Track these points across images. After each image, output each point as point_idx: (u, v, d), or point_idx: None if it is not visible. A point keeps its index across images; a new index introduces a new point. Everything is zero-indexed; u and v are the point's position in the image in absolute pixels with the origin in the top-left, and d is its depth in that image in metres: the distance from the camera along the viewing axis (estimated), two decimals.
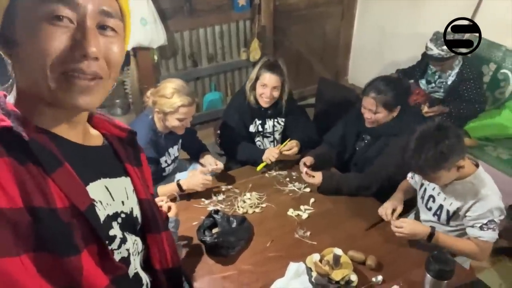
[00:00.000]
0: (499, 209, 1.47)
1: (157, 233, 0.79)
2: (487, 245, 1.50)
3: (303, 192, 1.96)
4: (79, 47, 0.57)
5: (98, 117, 0.76)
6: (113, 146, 0.76)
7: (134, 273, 0.74)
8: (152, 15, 2.78)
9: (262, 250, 1.62)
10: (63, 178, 0.59)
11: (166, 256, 0.81)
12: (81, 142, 0.68)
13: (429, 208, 1.67)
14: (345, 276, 1.41)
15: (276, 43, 3.63)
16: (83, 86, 0.59)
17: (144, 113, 1.98)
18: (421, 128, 1.48)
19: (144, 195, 0.78)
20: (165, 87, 1.82)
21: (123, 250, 0.69)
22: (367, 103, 1.92)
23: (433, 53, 2.38)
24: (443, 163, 1.42)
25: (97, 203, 0.65)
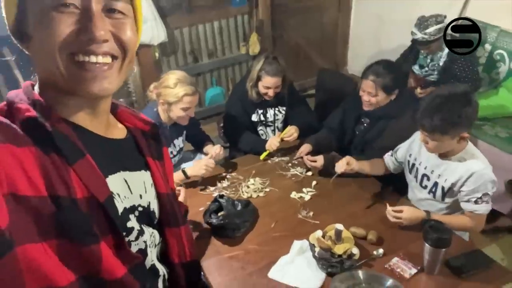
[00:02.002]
0: (492, 181, 1.51)
1: (177, 227, 0.80)
2: (481, 217, 1.54)
3: (305, 175, 2.01)
4: (86, 31, 0.57)
5: (123, 110, 0.77)
6: (136, 139, 0.76)
7: (151, 264, 0.75)
8: (152, 12, 2.84)
9: (267, 231, 1.68)
10: (84, 169, 0.60)
11: (184, 249, 0.82)
12: (103, 134, 0.69)
13: (424, 187, 1.71)
14: (347, 250, 1.47)
15: (274, 36, 3.68)
16: (97, 72, 0.60)
17: (149, 106, 2.04)
18: (446, 89, 1.49)
19: (164, 189, 0.78)
20: (168, 78, 1.88)
21: (140, 242, 0.71)
22: (366, 86, 1.97)
23: (417, 37, 2.45)
24: (454, 128, 1.44)
25: (115, 196, 0.66)
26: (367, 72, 1.95)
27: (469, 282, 1.38)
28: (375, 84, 1.91)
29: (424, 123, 1.49)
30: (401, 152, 1.84)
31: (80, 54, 0.58)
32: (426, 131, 1.51)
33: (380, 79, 1.91)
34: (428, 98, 1.52)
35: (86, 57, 0.58)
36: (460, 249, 1.50)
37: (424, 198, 1.74)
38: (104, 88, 0.61)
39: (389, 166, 1.88)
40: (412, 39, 2.56)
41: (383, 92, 1.93)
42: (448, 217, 1.60)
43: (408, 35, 2.61)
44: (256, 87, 2.24)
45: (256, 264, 1.51)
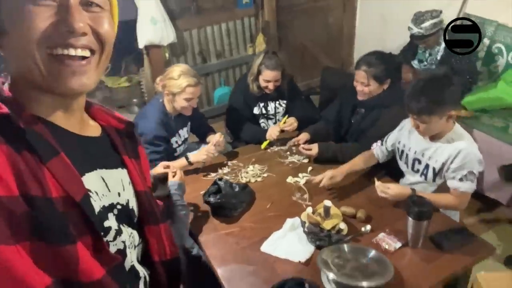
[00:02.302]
0: (478, 160, 1.57)
1: (155, 225, 0.79)
2: (465, 195, 1.61)
3: (302, 163, 2.11)
4: (65, 23, 0.57)
5: (97, 108, 0.76)
6: (111, 137, 0.75)
7: (131, 265, 0.74)
8: (161, 14, 3.01)
9: (262, 211, 1.78)
10: (59, 167, 0.59)
11: (164, 248, 0.81)
12: (77, 131, 0.67)
13: (416, 170, 1.78)
14: (335, 225, 1.55)
15: (280, 37, 3.81)
16: (75, 67, 0.59)
17: (156, 97, 2.18)
18: (430, 73, 1.59)
19: (142, 187, 0.77)
20: (173, 70, 2.02)
21: (118, 242, 0.69)
22: (359, 76, 2.06)
23: (413, 32, 2.54)
24: (440, 107, 1.53)
25: (93, 194, 0.64)
26: (360, 63, 2.04)
27: (450, 254, 1.45)
28: (367, 74, 2.00)
29: (412, 106, 1.58)
30: (390, 140, 1.92)
31: (59, 47, 0.57)
32: (415, 113, 1.60)
33: (372, 69, 2.00)
34: (413, 83, 1.61)
35: (65, 50, 0.58)
36: (447, 227, 1.57)
37: (416, 182, 1.80)
38: (83, 83, 0.61)
39: (378, 156, 1.95)
40: (410, 34, 2.64)
41: (375, 82, 2.02)
42: (433, 195, 1.66)
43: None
44: (257, 81, 2.36)
45: (250, 239, 1.61)
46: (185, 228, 1.64)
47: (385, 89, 2.08)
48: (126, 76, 4.02)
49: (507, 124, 2.42)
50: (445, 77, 1.56)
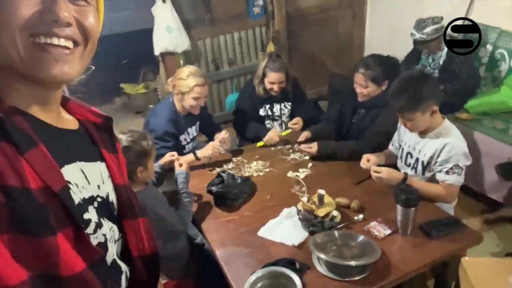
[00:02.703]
0: (464, 154, 1.65)
1: (134, 219, 0.79)
2: (452, 188, 1.68)
3: (303, 159, 2.21)
4: (49, 11, 0.56)
5: (73, 102, 0.75)
6: (89, 131, 0.74)
7: (112, 259, 0.73)
8: (176, 24, 3.20)
9: (262, 202, 1.88)
10: (37, 158, 0.58)
11: (143, 242, 0.80)
12: (55, 124, 0.67)
13: (408, 164, 1.86)
14: (328, 212, 1.64)
15: (290, 45, 3.94)
16: (57, 54, 0.58)
17: (167, 97, 2.33)
18: (405, 73, 1.71)
19: (120, 180, 0.77)
20: (182, 71, 2.18)
21: (99, 235, 0.68)
22: (357, 78, 2.17)
23: (416, 38, 2.64)
24: (420, 103, 1.62)
25: (73, 185, 0.64)
26: (358, 66, 2.15)
27: (438, 241, 1.51)
28: (365, 77, 2.11)
29: (394, 106, 1.70)
30: (395, 138, 2.01)
31: (42, 35, 0.57)
32: (398, 112, 1.71)
33: (369, 72, 2.10)
34: (392, 85, 1.72)
35: (48, 39, 0.57)
36: (437, 218, 1.63)
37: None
38: (65, 72, 0.60)
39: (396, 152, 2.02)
40: (413, 40, 2.73)
41: (372, 84, 2.12)
42: (423, 182, 1.74)
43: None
44: (263, 83, 2.49)
45: (249, 226, 1.71)
46: (189, 214, 1.76)
47: (383, 90, 2.17)
48: (143, 83, 4.23)
49: (508, 126, 2.45)
50: (421, 75, 1.68)
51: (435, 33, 2.59)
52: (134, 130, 1.67)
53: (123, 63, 4.07)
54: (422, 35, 2.61)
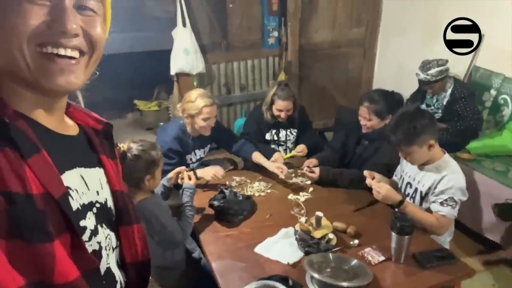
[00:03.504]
0: (460, 188, 1.70)
1: (128, 225, 0.79)
2: (445, 219, 1.72)
3: (304, 184, 2.27)
4: (57, 23, 0.58)
5: (74, 107, 0.76)
6: (88, 137, 0.75)
7: (106, 268, 0.73)
8: (194, 47, 3.36)
9: (261, 220, 1.93)
10: (39, 164, 0.58)
11: (136, 249, 0.80)
12: (57, 130, 0.67)
13: (407, 194, 1.92)
14: (325, 235, 1.68)
15: (301, 76, 4.08)
16: (64, 65, 0.59)
17: (177, 118, 2.42)
18: (402, 109, 1.80)
19: (118, 187, 0.78)
20: (190, 94, 2.28)
21: (94, 243, 0.68)
22: (362, 111, 2.26)
23: (420, 78, 2.75)
24: (415, 138, 1.70)
25: (73, 191, 0.65)
26: (363, 99, 2.25)
27: (430, 271, 1.54)
28: (369, 110, 2.20)
29: (391, 139, 1.78)
30: (397, 169, 2.09)
31: (49, 45, 0.58)
32: (396, 145, 1.79)
33: (373, 105, 2.19)
34: (390, 121, 1.80)
35: (54, 49, 0.58)
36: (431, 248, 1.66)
37: None
38: (70, 81, 0.61)
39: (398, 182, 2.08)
40: (418, 79, 2.84)
41: (376, 117, 2.20)
42: (418, 209, 1.79)
43: None
44: (270, 110, 2.59)
45: (245, 242, 1.76)
46: (190, 226, 1.81)
47: (387, 124, 2.24)
48: (156, 101, 4.36)
49: (508, 168, 2.50)
50: (416, 111, 1.76)
51: (439, 75, 2.70)
52: (145, 140, 1.75)
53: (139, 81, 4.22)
54: (427, 76, 2.72)
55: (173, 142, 2.25)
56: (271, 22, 3.82)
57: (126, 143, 1.67)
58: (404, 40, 3.91)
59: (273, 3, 3.74)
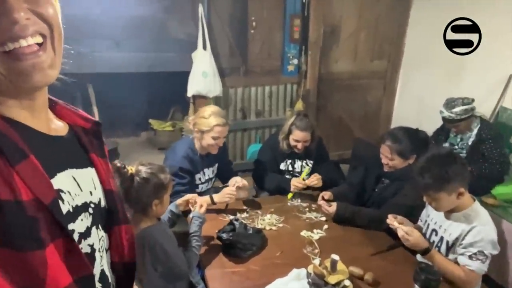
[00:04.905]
0: (491, 242, 1.55)
1: (117, 225, 0.78)
2: (473, 275, 1.57)
3: (318, 220, 2.14)
4: (4, 16, 0.55)
5: (62, 106, 0.74)
6: (78, 136, 0.74)
7: (101, 270, 0.72)
8: (212, 70, 3.33)
9: (271, 258, 1.80)
10: (28, 170, 0.57)
11: (123, 249, 0.79)
12: (45, 131, 0.66)
13: (432, 242, 1.77)
14: (340, 281, 1.55)
15: (319, 106, 4.01)
16: (32, 58, 0.57)
17: (186, 137, 2.36)
18: (433, 150, 1.68)
19: (109, 186, 0.77)
20: (204, 110, 2.22)
21: (84, 246, 0.67)
22: (383, 150, 2.14)
23: (444, 115, 2.64)
24: (445, 184, 1.57)
25: (65, 194, 0.64)
26: (385, 137, 2.13)
27: None
28: (391, 150, 2.08)
29: (419, 182, 1.65)
30: (423, 213, 1.95)
31: (9, 42, 0.55)
32: (423, 190, 1.66)
33: (396, 145, 2.07)
34: (419, 161, 1.68)
35: (16, 44, 0.56)
36: None
37: None
38: (47, 74, 0.60)
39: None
40: (441, 117, 2.73)
41: (399, 157, 2.08)
42: (445, 259, 1.64)
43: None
44: (287, 139, 2.50)
45: (254, 281, 1.63)
46: (196, 258, 1.70)
47: (410, 164, 2.12)
48: (171, 122, 4.33)
49: None
50: (448, 155, 1.64)
51: (464, 114, 2.59)
52: (153, 163, 1.67)
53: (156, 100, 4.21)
54: (451, 114, 2.61)
55: (183, 161, 2.18)
56: (291, 49, 3.80)
57: (134, 166, 1.60)
58: (427, 75, 3.83)
59: (295, 31, 3.73)
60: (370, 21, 3.93)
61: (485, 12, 2.98)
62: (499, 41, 2.96)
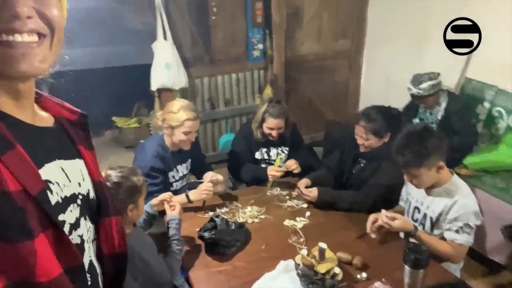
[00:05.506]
0: (474, 213, 1.57)
1: (106, 217, 0.77)
2: (462, 248, 1.58)
3: (300, 207, 2.10)
4: (6, 7, 0.54)
5: (47, 99, 0.74)
6: (65, 128, 0.73)
7: (89, 261, 0.72)
8: (176, 61, 3.18)
9: (256, 252, 1.74)
10: (14, 161, 0.56)
11: (113, 241, 0.78)
12: (31, 122, 0.65)
13: (416, 220, 1.77)
14: (330, 269, 1.51)
15: (287, 90, 3.95)
16: (24, 49, 0.57)
17: (157, 132, 2.23)
18: (409, 127, 1.65)
19: (97, 177, 0.77)
20: (173, 104, 2.09)
21: (75, 237, 0.66)
22: (358, 131, 2.12)
23: (412, 92, 2.66)
24: (425, 159, 1.56)
25: (54, 184, 0.63)
26: (358, 118, 2.11)
27: None
28: (365, 129, 2.06)
29: (399, 161, 1.63)
30: (403, 192, 1.95)
31: (3, 33, 0.55)
32: (403, 168, 1.64)
33: (371, 124, 2.05)
34: (396, 140, 1.66)
35: (10, 36, 0.55)
36: (445, 281, 1.52)
37: None
38: (35, 66, 0.59)
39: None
40: (410, 94, 2.75)
41: (373, 136, 2.06)
42: (433, 238, 1.64)
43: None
44: (261, 128, 2.43)
45: (241, 278, 1.57)
46: (178, 263, 1.61)
47: (385, 142, 2.11)
48: (136, 118, 4.14)
49: (508, 185, 2.41)
50: (424, 130, 1.63)
51: (431, 89, 2.61)
52: (124, 166, 1.56)
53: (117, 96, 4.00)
54: (419, 90, 2.63)
55: (154, 160, 2.05)
56: (255, 34, 3.69)
57: (103, 172, 1.47)
58: (390, 52, 3.84)
59: (258, 15, 3.62)
60: (331, 1, 3.88)
61: None
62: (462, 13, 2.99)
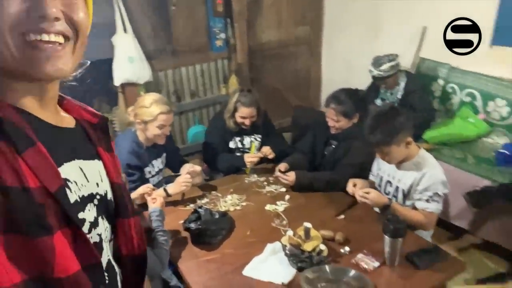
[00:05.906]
0: (442, 182, 1.70)
1: (126, 218, 0.78)
2: (432, 215, 1.73)
3: (279, 191, 2.16)
4: (36, 8, 0.56)
5: (69, 101, 0.75)
6: (85, 129, 0.75)
7: (108, 260, 0.73)
8: (138, 54, 3.10)
9: (242, 237, 1.79)
10: (34, 158, 0.57)
11: (132, 242, 0.79)
12: (53, 122, 0.67)
13: (388, 193, 1.89)
14: (316, 246, 1.59)
15: (252, 78, 3.97)
16: (50, 51, 0.58)
17: (128, 128, 2.18)
18: (376, 108, 1.75)
19: (116, 179, 0.78)
20: (144, 98, 2.06)
21: (94, 235, 0.68)
22: (329, 113, 2.21)
23: (374, 74, 2.81)
24: (395, 137, 1.67)
25: (72, 183, 0.64)
26: (329, 101, 2.20)
27: (425, 271, 1.51)
28: (336, 112, 2.15)
29: (370, 140, 1.74)
30: (374, 168, 2.06)
31: (31, 33, 0.57)
32: (375, 147, 1.76)
33: (340, 106, 2.15)
34: (366, 122, 1.77)
35: (37, 36, 0.57)
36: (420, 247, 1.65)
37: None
38: (59, 68, 0.60)
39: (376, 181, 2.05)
40: (371, 76, 2.88)
41: (344, 118, 2.17)
42: (406, 208, 1.77)
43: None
44: (233, 117, 2.45)
45: (231, 265, 1.61)
46: (167, 254, 1.62)
47: (355, 123, 2.22)
48: None
49: (465, 155, 2.61)
50: (391, 109, 1.76)
51: (391, 70, 2.76)
52: None
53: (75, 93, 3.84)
54: (380, 72, 2.77)
55: (129, 157, 2.02)
56: (217, 23, 3.67)
57: None
58: (348, 36, 3.97)
59: (218, 4, 3.59)
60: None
61: None
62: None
